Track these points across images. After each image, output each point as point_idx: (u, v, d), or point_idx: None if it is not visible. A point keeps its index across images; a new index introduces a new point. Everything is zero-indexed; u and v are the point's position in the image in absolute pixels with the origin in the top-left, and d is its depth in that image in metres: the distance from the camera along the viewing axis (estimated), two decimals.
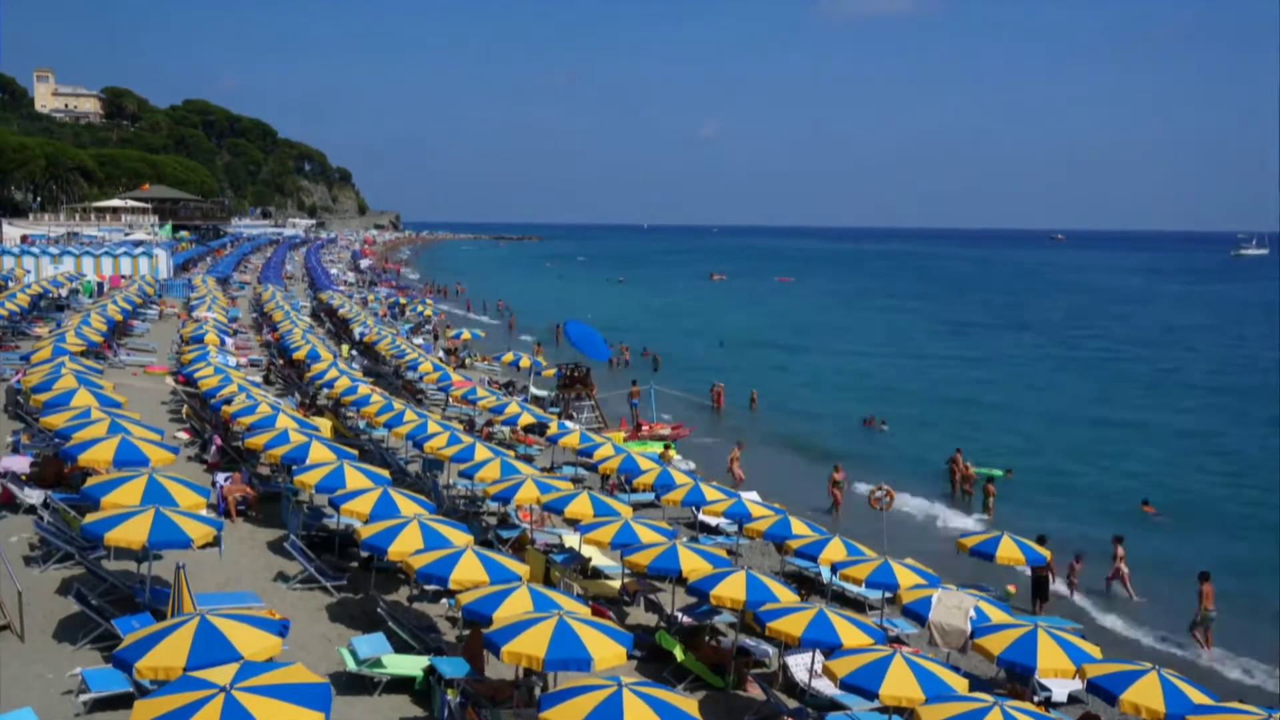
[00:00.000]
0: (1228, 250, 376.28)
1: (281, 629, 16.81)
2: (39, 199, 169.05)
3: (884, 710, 19.12)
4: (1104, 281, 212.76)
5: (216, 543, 22.27)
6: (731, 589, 21.92)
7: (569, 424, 41.93)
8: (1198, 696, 17.53)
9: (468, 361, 68.58)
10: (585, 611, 19.60)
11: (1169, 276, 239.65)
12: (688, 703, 15.73)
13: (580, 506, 27.34)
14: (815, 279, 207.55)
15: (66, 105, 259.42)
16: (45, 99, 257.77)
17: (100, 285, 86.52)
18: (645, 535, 25.23)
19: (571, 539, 30.14)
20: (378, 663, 20.56)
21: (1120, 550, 33.49)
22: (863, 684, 17.98)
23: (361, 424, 42.94)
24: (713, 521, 34.30)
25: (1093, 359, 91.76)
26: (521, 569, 21.96)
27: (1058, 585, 31.96)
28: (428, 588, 24.63)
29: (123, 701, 17.78)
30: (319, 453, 29.38)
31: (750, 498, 32.81)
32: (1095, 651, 19.97)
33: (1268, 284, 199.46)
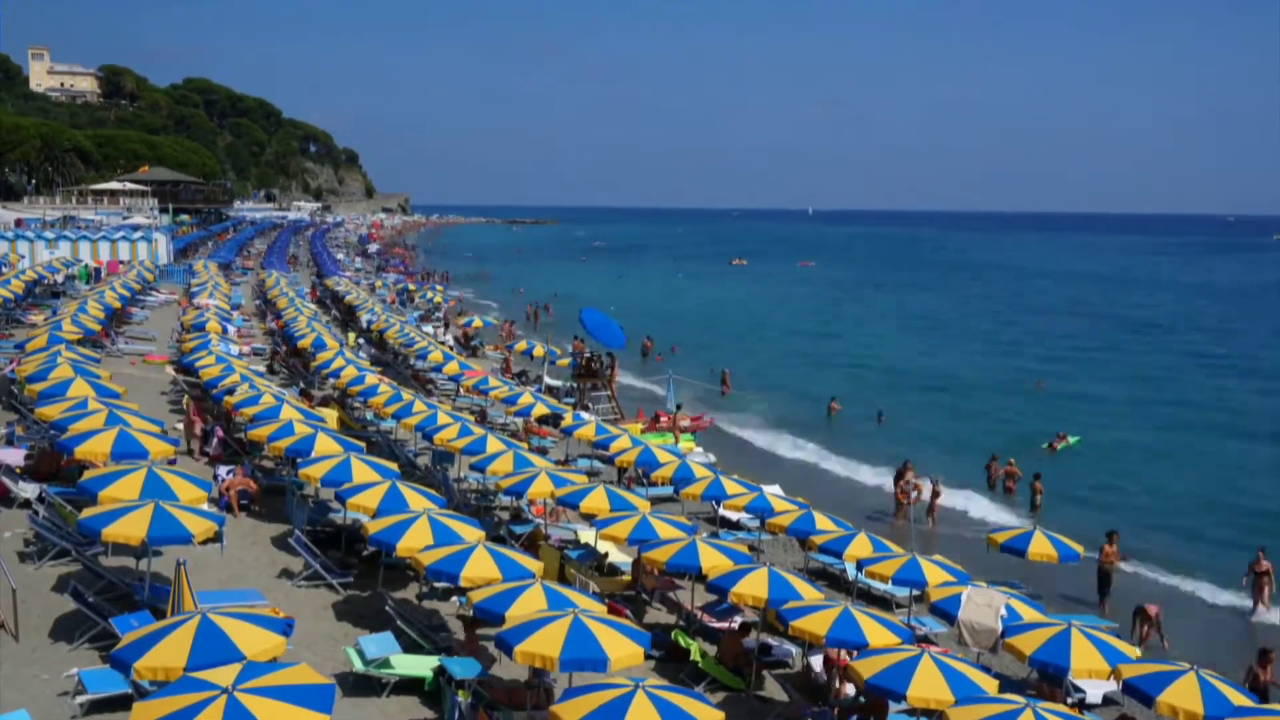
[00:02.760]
0: (1270, 234, 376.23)
1: (286, 628, 16.88)
2: (34, 181, 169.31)
3: (912, 712, 19.15)
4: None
5: (218, 538, 22.40)
6: (753, 586, 21.97)
7: (584, 415, 41.96)
8: (1237, 698, 17.52)
9: (479, 351, 68.60)
10: (601, 610, 19.65)
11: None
12: (711, 713, 15.74)
13: (596, 501, 27.41)
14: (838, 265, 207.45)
15: (62, 84, 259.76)
16: (40, 78, 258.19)
17: (97, 271, 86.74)
18: (664, 530, 25.25)
19: (587, 534, 30.18)
20: (386, 663, 20.63)
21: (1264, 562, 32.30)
22: (890, 685, 18.00)
23: (369, 415, 43.02)
24: (733, 516, 34.31)
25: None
26: (535, 566, 22.03)
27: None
28: (438, 585, 24.74)
29: (121, 703, 17.82)
30: (325, 445, 29.45)
31: (773, 491, 32.81)
32: (1131, 651, 19.95)
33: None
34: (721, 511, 34.26)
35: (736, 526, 34.39)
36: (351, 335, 63.53)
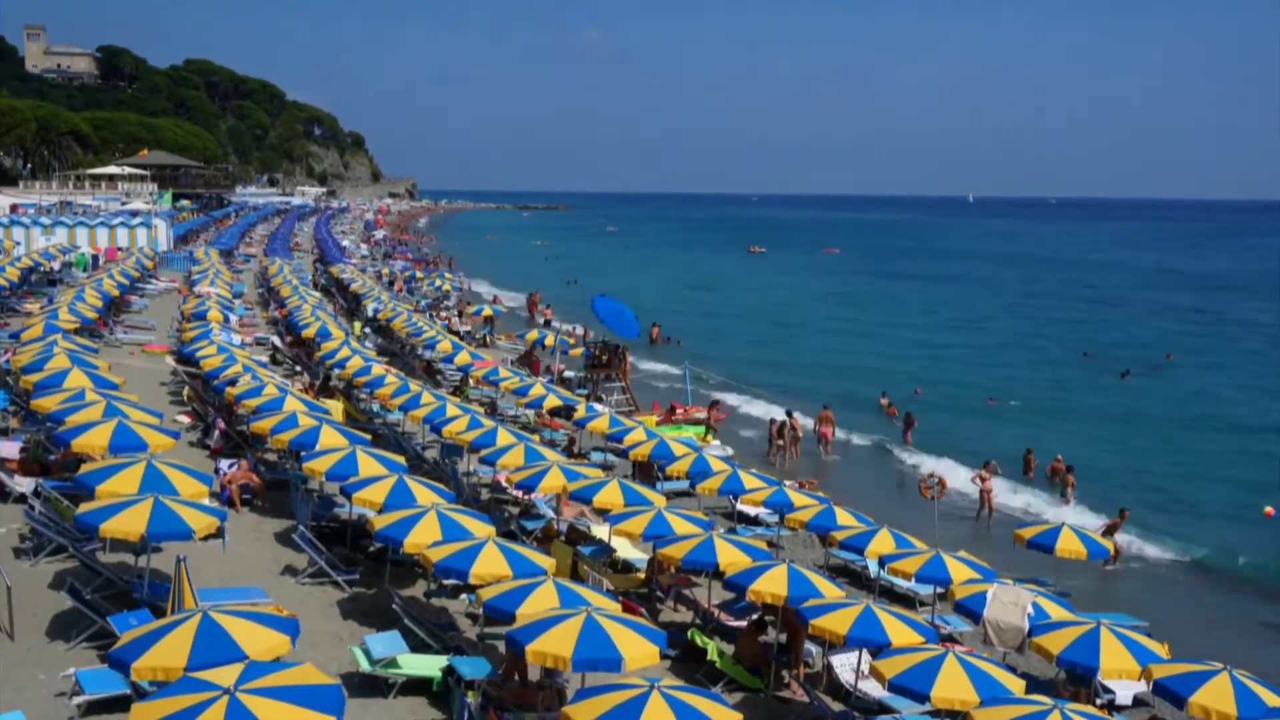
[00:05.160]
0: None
1: (290, 626, 16.91)
2: (29, 166, 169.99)
3: (935, 713, 19.13)
4: None
5: (220, 534, 22.38)
6: (772, 584, 21.96)
7: (597, 407, 41.95)
8: (1273, 699, 17.47)
9: (488, 340, 68.60)
10: (615, 608, 19.66)
11: None
12: (728, 714, 15.77)
13: (610, 495, 27.40)
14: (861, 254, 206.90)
15: (59, 65, 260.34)
16: (36, 58, 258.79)
17: (95, 258, 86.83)
18: (680, 526, 25.27)
19: (600, 530, 30.19)
20: (393, 663, 20.64)
21: None
22: (913, 685, 18.01)
23: (375, 407, 43.08)
24: (751, 511, 34.27)
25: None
26: (547, 562, 22.06)
27: None
28: (446, 582, 24.80)
29: (119, 704, 17.86)
30: (330, 437, 29.51)
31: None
32: (1162, 651, 19.93)
33: None
34: (739, 506, 34.25)
35: (755, 522, 34.38)
36: (357, 324, 63.60)
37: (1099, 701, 22.33)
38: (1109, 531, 33.68)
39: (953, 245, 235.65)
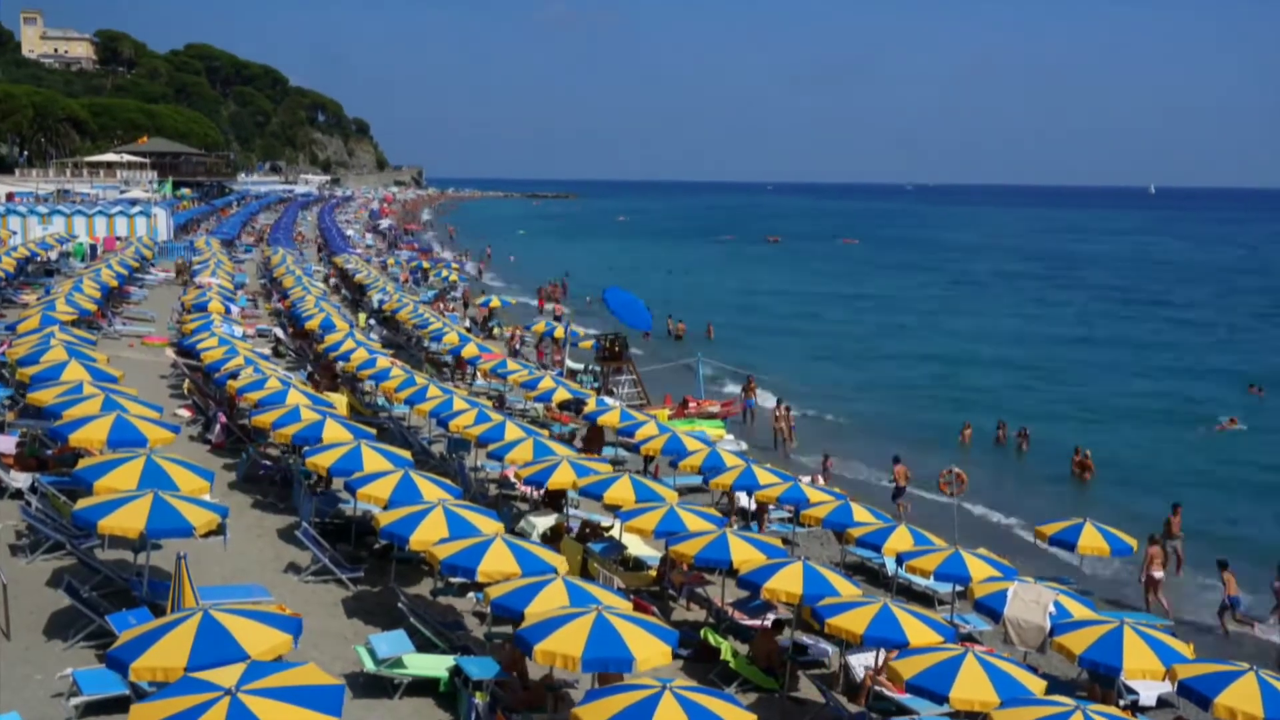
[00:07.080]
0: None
1: (292, 625, 16.91)
2: (26, 153, 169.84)
3: (954, 714, 19.11)
4: None
5: (221, 531, 22.40)
6: (787, 582, 21.89)
7: (608, 400, 41.91)
8: None
9: (496, 332, 68.59)
10: (626, 606, 19.66)
11: None
12: (742, 715, 15.77)
13: (621, 491, 27.39)
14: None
15: (56, 50, 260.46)
16: (33, 43, 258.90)
17: (93, 248, 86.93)
18: (692, 523, 25.25)
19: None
20: (398, 662, 20.65)
21: None
22: (931, 686, 17.99)
23: (380, 400, 43.09)
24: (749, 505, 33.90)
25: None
26: (556, 560, 22.05)
27: None
28: (453, 580, 24.75)
29: (118, 705, 17.89)
30: (334, 432, 29.52)
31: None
32: (1187, 651, 19.87)
33: None
34: (743, 502, 34.09)
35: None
36: (362, 316, 63.63)
37: (1122, 702, 22.31)
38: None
39: (947, 237, 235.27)
